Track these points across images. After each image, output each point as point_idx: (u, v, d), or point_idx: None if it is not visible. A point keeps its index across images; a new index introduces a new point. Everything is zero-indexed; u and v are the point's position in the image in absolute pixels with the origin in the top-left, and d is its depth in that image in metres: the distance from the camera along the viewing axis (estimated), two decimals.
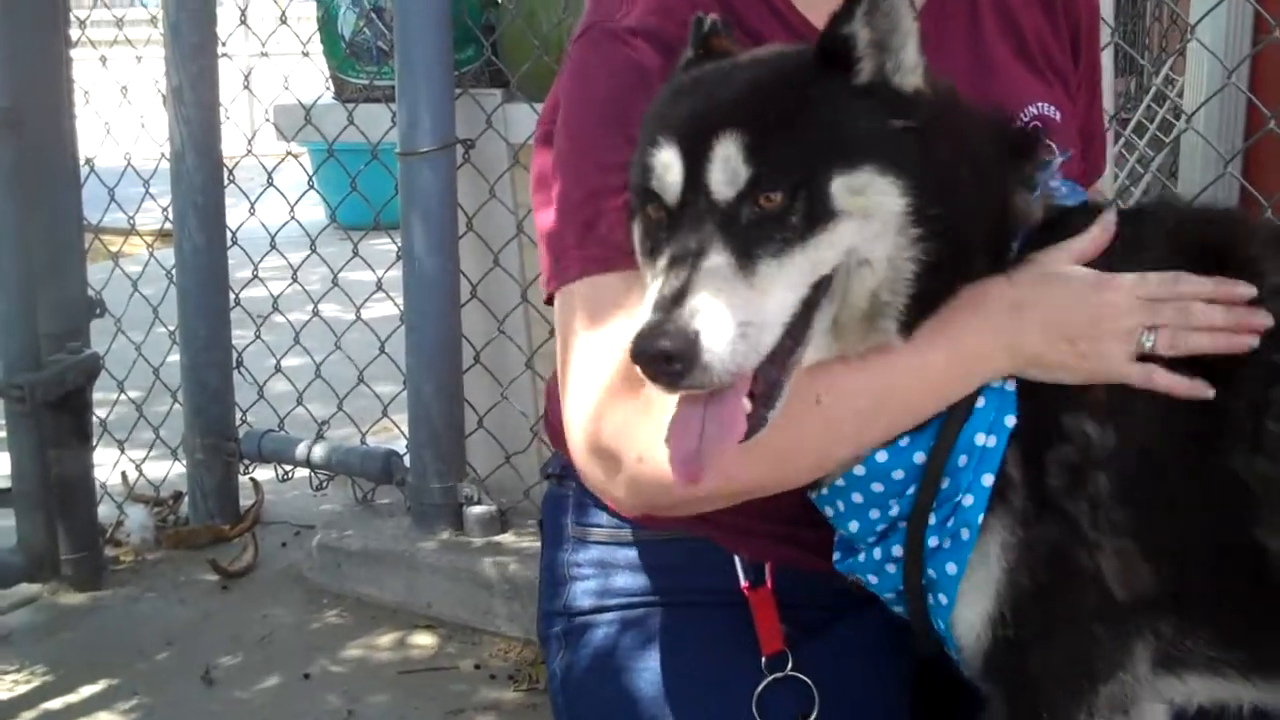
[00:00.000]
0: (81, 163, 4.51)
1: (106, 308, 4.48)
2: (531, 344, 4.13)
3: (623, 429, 1.90)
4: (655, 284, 1.64)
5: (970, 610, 1.84)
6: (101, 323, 4.52)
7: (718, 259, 1.62)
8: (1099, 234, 1.86)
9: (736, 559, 2.21)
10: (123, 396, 5.15)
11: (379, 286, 4.58)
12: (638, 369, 1.60)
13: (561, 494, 2.43)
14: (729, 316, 1.59)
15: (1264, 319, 1.76)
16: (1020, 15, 2.22)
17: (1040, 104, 2.19)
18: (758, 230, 1.65)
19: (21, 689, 3.75)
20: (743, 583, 2.20)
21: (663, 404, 1.78)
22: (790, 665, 2.16)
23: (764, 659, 2.18)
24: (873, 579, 1.97)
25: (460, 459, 4.19)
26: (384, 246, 4.57)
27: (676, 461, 1.68)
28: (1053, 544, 1.77)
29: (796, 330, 1.69)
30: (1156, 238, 1.90)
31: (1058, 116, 2.20)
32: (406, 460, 4.31)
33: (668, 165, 1.71)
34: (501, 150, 4.06)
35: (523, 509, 4.16)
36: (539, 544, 2.52)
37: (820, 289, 1.70)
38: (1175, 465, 1.76)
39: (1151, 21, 6.85)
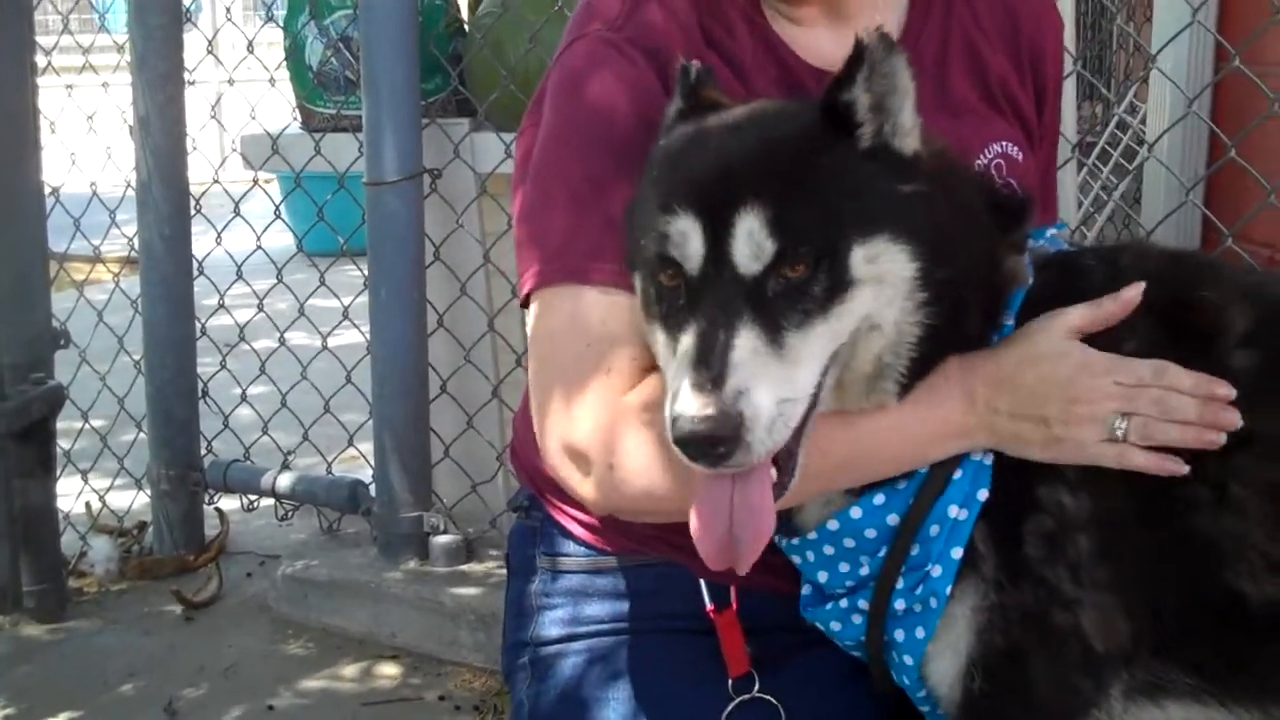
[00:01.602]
0: (47, 192, 4.49)
1: (71, 339, 4.46)
2: (498, 373, 4.12)
3: (597, 434, 1.92)
4: (683, 357, 1.64)
5: (940, 666, 1.87)
6: (66, 352, 4.49)
7: (751, 335, 1.63)
8: (1105, 310, 1.86)
9: (702, 583, 2.21)
10: (87, 426, 5.12)
11: (345, 315, 4.57)
12: (676, 449, 1.62)
13: (529, 526, 2.42)
14: (770, 396, 1.61)
15: (1234, 418, 1.78)
16: (988, 59, 2.25)
17: (1004, 143, 2.22)
18: (783, 302, 1.66)
19: None
20: (708, 606, 2.20)
21: (639, 416, 1.85)
22: (757, 687, 2.17)
23: (731, 682, 2.18)
24: (835, 626, 1.99)
25: (426, 488, 4.18)
26: (351, 274, 4.56)
27: (711, 549, 1.70)
28: (1027, 608, 1.80)
29: (814, 396, 1.71)
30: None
31: (1019, 156, 2.23)
32: (372, 489, 4.29)
33: (687, 236, 1.71)
34: (468, 180, 4.07)
35: (489, 538, 4.15)
36: (505, 573, 2.52)
37: (835, 355, 1.72)
38: (1148, 523, 1.79)
39: (1116, 48, 6.91)
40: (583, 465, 1.95)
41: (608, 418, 1.91)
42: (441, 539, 4.12)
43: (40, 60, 4.70)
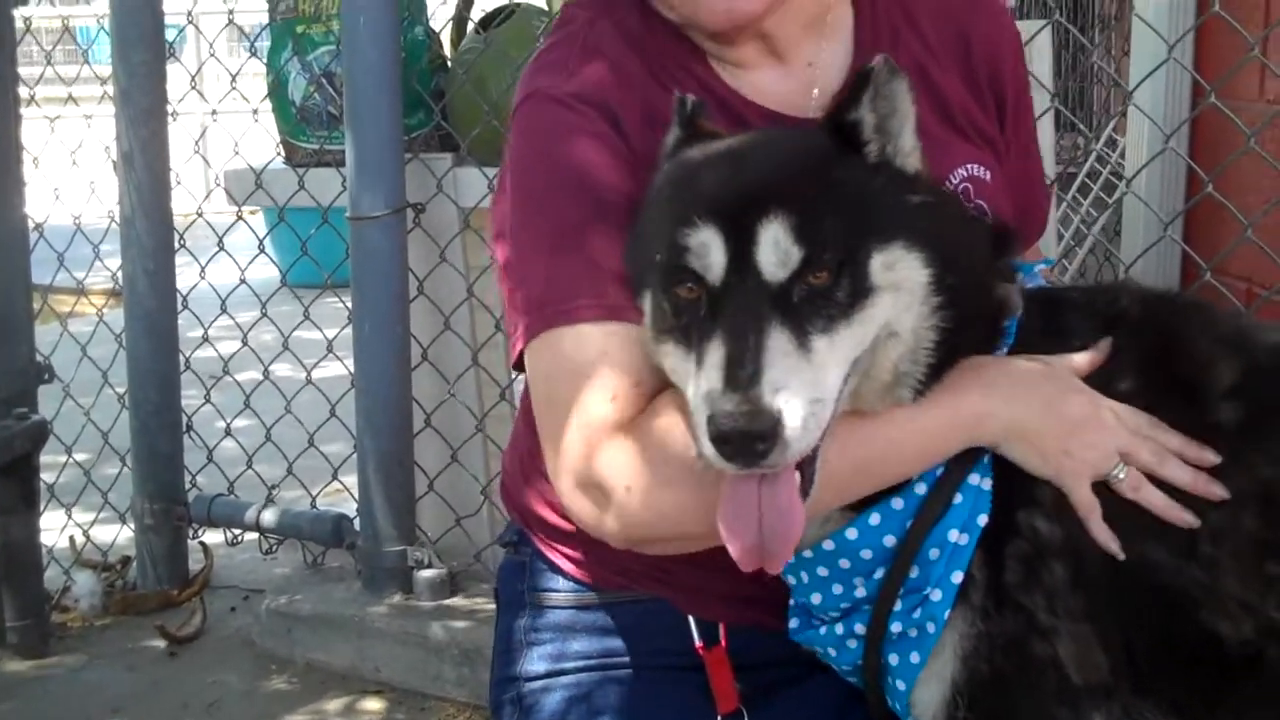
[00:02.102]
0: (31, 226, 4.50)
1: (55, 373, 4.46)
2: (482, 407, 4.13)
3: (613, 463, 1.90)
4: (714, 360, 1.66)
5: (927, 693, 1.87)
6: (49, 386, 4.50)
7: (781, 338, 1.66)
8: (1092, 359, 1.91)
9: (691, 619, 2.22)
10: (71, 460, 5.11)
11: (329, 348, 4.58)
12: (709, 450, 1.63)
13: (518, 561, 2.43)
14: (803, 395, 1.63)
15: (1221, 491, 1.79)
16: (942, 83, 2.23)
17: (969, 165, 2.21)
18: (809, 308, 1.69)
19: None
20: (697, 643, 2.21)
21: (652, 439, 1.86)
22: None
23: (720, 718, 2.19)
24: (831, 652, 1.99)
25: (410, 522, 4.19)
26: (335, 306, 4.58)
27: (741, 552, 1.70)
28: (1010, 636, 1.81)
29: (835, 403, 1.73)
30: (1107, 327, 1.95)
31: (988, 177, 2.22)
32: (357, 523, 4.30)
33: (708, 247, 1.73)
34: (452, 214, 4.08)
35: (474, 572, 4.16)
36: (490, 607, 2.53)
37: (855, 363, 1.75)
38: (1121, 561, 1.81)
39: (1094, 83, 6.96)
40: (600, 498, 1.94)
41: (620, 443, 1.90)
42: (426, 573, 4.12)
43: (23, 93, 4.70)
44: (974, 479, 1.86)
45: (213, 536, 4.84)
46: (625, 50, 2.12)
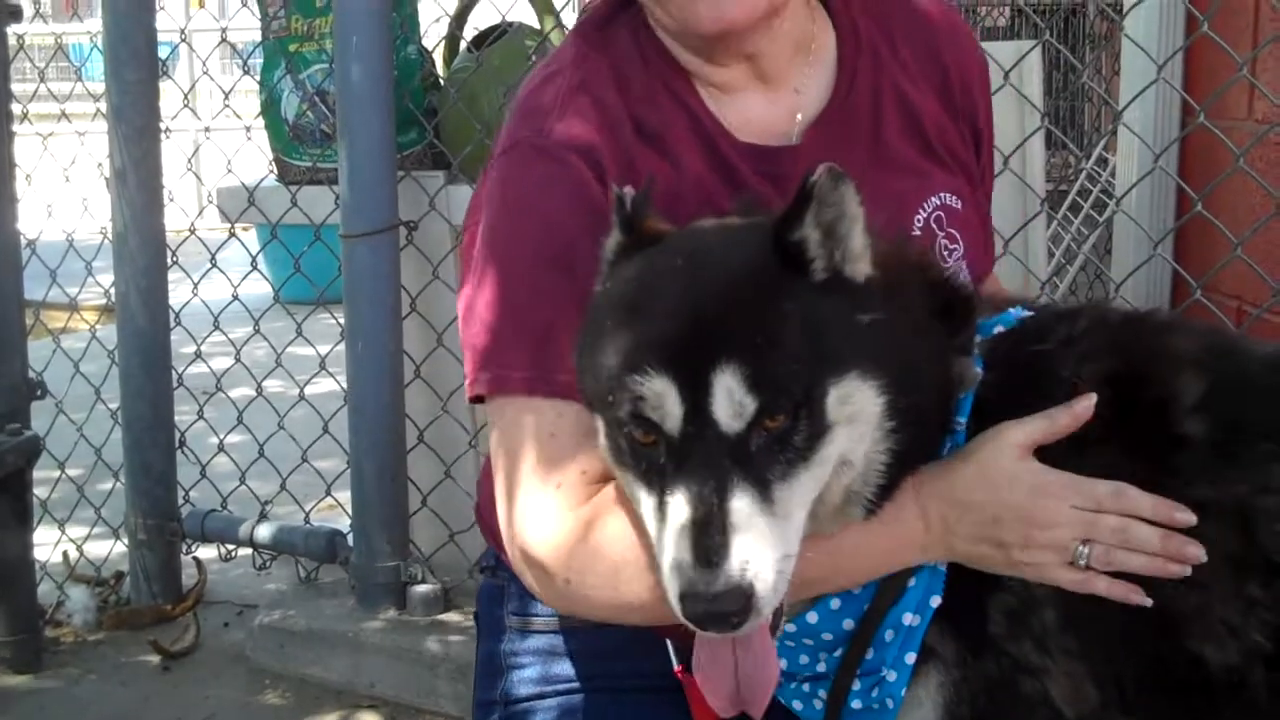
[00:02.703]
0: (23, 244, 4.51)
1: (48, 389, 4.47)
2: (475, 423, 4.14)
3: (552, 550, 1.93)
4: (678, 525, 1.62)
5: None
6: (42, 401, 4.51)
7: (745, 497, 1.62)
8: (1058, 424, 1.82)
9: (669, 643, 2.22)
10: (64, 476, 5.12)
11: (322, 364, 4.59)
12: (680, 616, 1.62)
13: (496, 586, 2.43)
14: (771, 559, 1.60)
15: (1199, 552, 1.76)
16: (920, 108, 2.25)
17: (943, 194, 2.23)
18: (768, 455, 1.64)
19: None
20: (676, 666, 2.22)
21: (593, 533, 1.89)
22: None
23: None
24: (798, 705, 2.00)
25: (404, 538, 4.20)
26: (328, 322, 4.59)
27: (720, 702, 1.72)
28: (993, 678, 1.80)
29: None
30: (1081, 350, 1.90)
31: (959, 206, 2.24)
32: (350, 539, 4.31)
33: (664, 398, 1.66)
34: (444, 231, 4.10)
35: (467, 588, 4.16)
36: None
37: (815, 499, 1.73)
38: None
39: (1084, 102, 6.99)
40: (542, 576, 1.97)
41: (562, 535, 1.92)
42: (419, 588, 4.13)
43: (16, 109, 4.71)
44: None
45: (206, 552, 4.85)
46: (611, 88, 2.13)
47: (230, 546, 4.77)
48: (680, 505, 1.63)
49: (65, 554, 4.95)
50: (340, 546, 4.36)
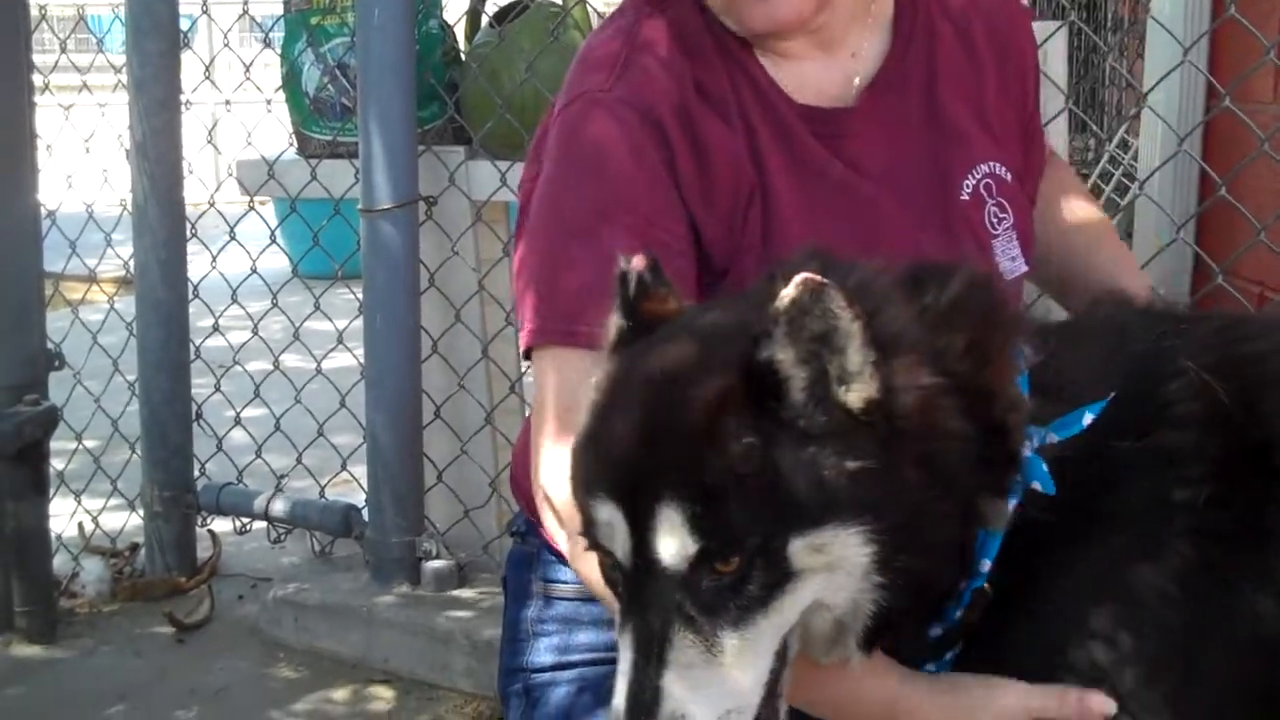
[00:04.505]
0: (43, 215, 4.51)
1: (65, 361, 4.48)
2: (492, 400, 4.15)
3: (568, 505, 1.91)
4: (622, 663, 1.54)
5: None
6: (60, 372, 4.51)
7: (684, 646, 1.51)
8: (1065, 705, 1.66)
9: None
10: (81, 447, 5.13)
11: (340, 339, 4.59)
12: None
13: (526, 551, 2.44)
14: (708, 715, 1.51)
15: None
16: (979, 77, 2.25)
17: (992, 163, 2.22)
18: (718, 599, 1.51)
19: None
20: None
21: None
22: None
23: None
24: None
25: (419, 513, 4.20)
26: (346, 297, 4.58)
27: None
28: None
29: (774, 668, 1.61)
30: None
31: (1009, 177, 2.23)
32: (365, 514, 4.31)
33: (612, 525, 1.56)
34: (464, 207, 4.09)
35: (481, 564, 4.17)
36: (497, 599, 2.54)
37: (786, 636, 1.61)
38: (1207, 651, 1.63)
39: (1107, 85, 6.95)
40: (556, 521, 1.98)
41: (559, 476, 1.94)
42: (434, 564, 4.13)
43: (37, 80, 4.71)
44: None
45: (221, 525, 4.85)
46: (673, 48, 2.13)
47: (245, 520, 4.77)
48: (625, 646, 1.54)
49: (80, 525, 4.97)
50: (355, 521, 4.37)
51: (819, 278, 1.46)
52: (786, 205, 2.11)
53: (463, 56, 4.34)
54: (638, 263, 1.69)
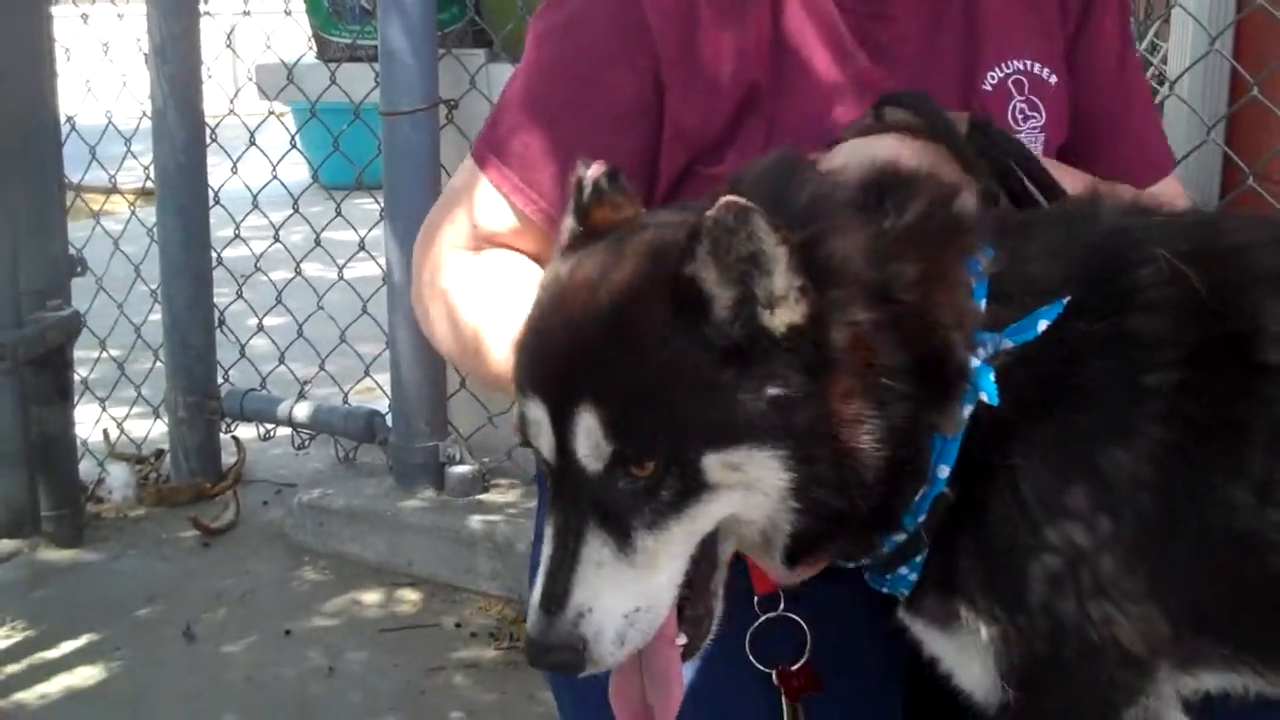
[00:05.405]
0: (63, 120, 4.49)
1: (88, 266, 4.48)
2: None
3: (418, 265, 2.19)
4: (542, 558, 1.58)
5: (969, 677, 1.75)
6: (83, 281, 4.52)
7: (595, 542, 1.55)
8: None
9: None
10: (104, 355, 5.14)
11: (362, 246, 4.58)
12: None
13: None
14: (615, 610, 1.55)
15: None
16: None
17: (1030, 62, 2.15)
18: (633, 500, 1.54)
19: (3, 644, 3.76)
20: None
21: (449, 278, 2.10)
22: (782, 606, 2.17)
23: (757, 599, 2.18)
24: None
25: (442, 419, 4.20)
26: (367, 206, 4.56)
27: (628, 715, 1.70)
28: (1047, 635, 1.65)
29: (703, 569, 1.64)
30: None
31: (1051, 80, 2.16)
32: (389, 420, 4.31)
33: (538, 425, 1.59)
34: (485, 110, 3.98)
35: (505, 469, 4.18)
36: (521, 503, 2.54)
37: (711, 536, 1.62)
38: (1181, 533, 1.62)
39: None
40: (414, 275, 2.21)
41: (428, 253, 2.16)
42: (457, 469, 4.15)
43: None
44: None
45: (245, 432, 4.88)
46: None
47: (269, 426, 4.79)
48: (547, 540, 1.59)
49: (105, 432, 4.99)
50: (379, 427, 4.37)
51: (742, 200, 1.45)
52: (799, 89, 2.08)
53: None
54: (595, 170, 1.70)
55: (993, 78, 2.15)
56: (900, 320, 1.56)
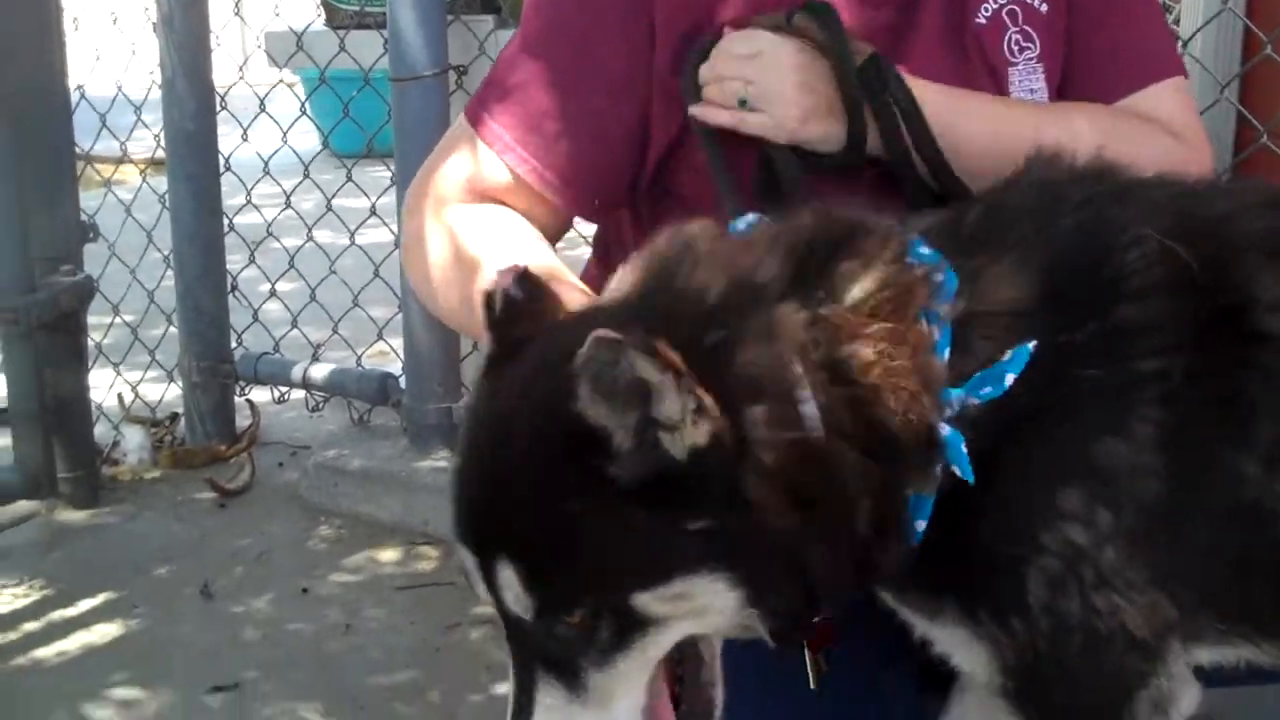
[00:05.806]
0: (72, 89, 4.50)
1: (100, 231, 4.50)
2: None
3: (409, 212, 2.17)
4: (509, 700, 1.54)
5: (965, 665, 1.73)
6: (96, 249, 4.55)
7: (546, 687, 1.49)
8: None
9: None
10: (118, 319, 5.16)
11: (373, 211, 4.60)
12: None
13: None
14: None
15: None
16: None
17: None
18: (574, 644, 1.46)
19: (21, 603, 3.79)
20: None
21: (434, 230, 2.08)
22: None
23: None
24: None
25: (455, 380, 4.22)
26: (378, 173, 4.58)
27: None
28: (1050, 633, 1.61)
29: (690, 668, 1.61)
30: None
31: (1043, 8, 2.13)
32: (402, 382, 4.34)
33: (473, 574, 1.52)
34: None
35: None
36: None
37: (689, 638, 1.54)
38: (1186, 516, 1.60)
39: None
40: (405, 218, 2.20)
41: (421, 201, 2.12)
42: None
43: None
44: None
45: (259, 395, 4.90)
46: None
47: (283, 389, 4.81)
48: (510, 686, 1.54)
49: (120, 396, 5.01)
50: (392, 389, 4.40)
51: (610, 334, 1.32)
52: None
53: None
54: (503, 280, 1.55)
55: (986, 10, 2.13)
56: (857, 402, 1.45)
